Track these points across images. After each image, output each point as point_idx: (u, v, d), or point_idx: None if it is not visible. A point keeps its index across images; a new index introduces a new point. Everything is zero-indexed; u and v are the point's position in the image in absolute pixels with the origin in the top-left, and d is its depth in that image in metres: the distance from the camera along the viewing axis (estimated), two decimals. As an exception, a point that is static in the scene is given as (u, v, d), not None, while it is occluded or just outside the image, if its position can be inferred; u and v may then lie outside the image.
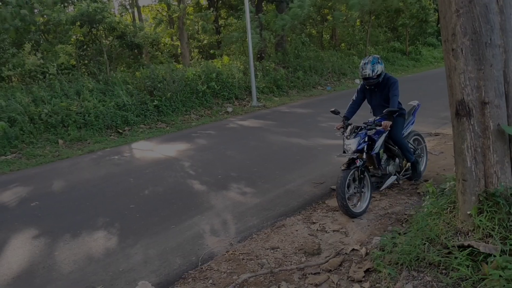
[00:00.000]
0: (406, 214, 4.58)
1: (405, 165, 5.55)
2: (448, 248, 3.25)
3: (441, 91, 13.62)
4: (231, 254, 4.11)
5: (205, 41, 23.15)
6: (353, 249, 3.98)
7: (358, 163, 4.74)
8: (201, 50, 23.55)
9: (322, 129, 9.64)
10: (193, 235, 4.64)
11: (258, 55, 18.45)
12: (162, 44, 20.90)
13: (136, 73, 13.90)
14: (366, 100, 5.41)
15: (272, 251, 4.12)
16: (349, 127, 4.90)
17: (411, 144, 5.62)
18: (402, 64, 23.52)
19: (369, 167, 5.15)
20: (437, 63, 25.07)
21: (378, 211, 4.85)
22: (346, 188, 4.60)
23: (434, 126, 9.07)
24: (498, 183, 3.28)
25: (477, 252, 3.07)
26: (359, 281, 3.41)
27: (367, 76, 4.98)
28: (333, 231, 4.47)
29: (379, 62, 5.01)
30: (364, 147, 4.82)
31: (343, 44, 25.01)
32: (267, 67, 16.85)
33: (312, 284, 3.49)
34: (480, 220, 3.24)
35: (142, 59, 17.42)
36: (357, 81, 18.66)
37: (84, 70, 14.38)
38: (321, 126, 9.90)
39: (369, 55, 5.33)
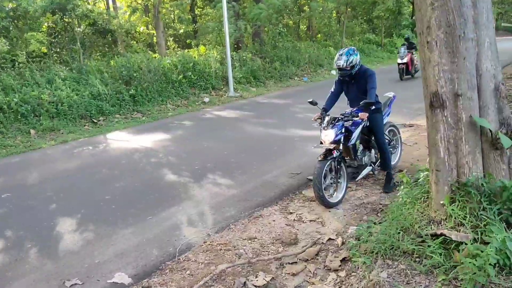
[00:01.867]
0: (381, 204, 4.67)
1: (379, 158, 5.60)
2: (422, 236, 3.33)
3: (415, 83, 13.86)
4: (209, 244, 4.11)
5: (181, 31, 22.88)
6: (329, 239, 4.03)
7: (335, 154, 4.78)
8: (177, 39, 23.28)
9: (299, 120, 9.69)
10: (170, 226, 4.61)
11: (235, 45, 18.37)
12: (138, 33, 20.55)
13: (111, 62, 13.62)
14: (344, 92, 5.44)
15: (249, 241, 4.14)
16: (326, 118, 4.90)
17: (387, 135, 5.68)
18: (377, 56, 23.82)
19: (345, 158, 5.19)
20: (412, 55, 25.38)
21: (354, 201, 4.93)
22: (322, 179, 4.63)
23: (408, 117, 9.24)
24: (470, 173, 3.37)
25: (450, 240, 3.15)
26: (336, 270, 3.46)
27: (340, 67, 4.95)
28: (310, 221, 4.52)
29: (354, 54, 4.97)
30: (341, 138, 4.85)
31: (319, 35, 25.14)
32: (244, 57, 16.79)
33: (289, 273, 3.53)
34: (452, 209, 3.32)
35: (117, 48, 17.10)
36: (333, 72, 18.79)
37: (56, 58, 14.01)
38: (298, 117, 9.94)
39: (346, 47, 5.34)
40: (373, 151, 5.48)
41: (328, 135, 4.76)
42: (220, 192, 5.56)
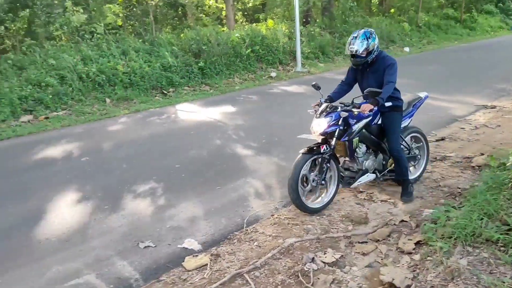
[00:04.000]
0: (459, 188, 4.39)
1: (390, 164, 4.51)
2: (509, 225, 3.09)
3: (498, 62, 12.88)
4: (276, 218, 4.09)
5: (250, 4, 22.73)
6: (402, 221, 3.86)
7: (323, 149, 4.01)
8: (245, 13, 23.18)
9: (369, 97, 9.34)
10: (238, 197, 4.65)
11: (304, 20, 17.97)
12: (207, 7, 20.70)
13: (181, 35, 13.86)
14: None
15: (317, 217, 4.07)
16: (323, 105, 4.11)
17: (405, 142, 4.63)
18: (455, 33, 22.36)
19: (345, 159, 4.43)
20: (494, 32, 23.66)
21: (429, 183, 4.68)
22: (300, 176, 3.95)
23: (490, 98, 8.60)
24: None
25: (541, 231, 2.90)
26: (409, 253, 3.31)
27: (353, 52, 4.07)
28: (381, 201, 4.36)
29: (371, 37, 4.08)
30: (335, 131, 4.01)
31: (392, 10, 23.92)
32: (313, 32, 16.42)
33: (359, 252, 3.43)
34: (546, 198, 3.04)
35: (187, 21, 17.36)
36: (407, 49, 17.91)
37: (130, 30, 14.47)
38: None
39: (362, 28, 4.29)
40: (381, 156, 4.47)
41: (320, 125, 3.99)
42: (288, 166, 5.46)
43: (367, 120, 4.18)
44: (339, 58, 15.87)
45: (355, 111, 3.98)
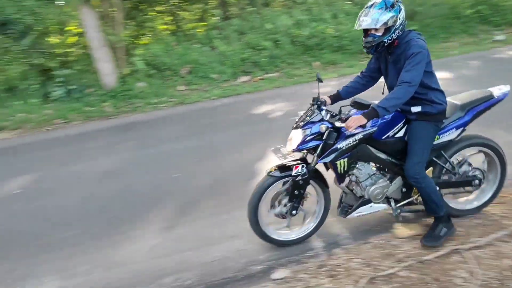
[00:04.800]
0: None
1: (415, 193, 3.24)
2: None
3: None
4: (505, 197, 3.58)
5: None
6: None
7: (296, 170, 2.98)
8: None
9: None
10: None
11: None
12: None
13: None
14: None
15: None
16: (311, 111, 3.06)
17: (449, 163, 3.22)
18: None
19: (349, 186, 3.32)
20: None
21: None
22: (262, 202, 3.07)
23: None
24: None
25: None
26: None
27: (363, 27, 2.81)
28: None
29: (393, 8, 2.74)
30: (316, 147, 2.96)
31: None
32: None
33: None
34: None
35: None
36: None
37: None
38: None
39: None
40: (400, 181, 3.19)
41: (295, 139, 2.99)
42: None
43: (366, 132, 2.96)
44: None
45: (339, 125, 2.89)
